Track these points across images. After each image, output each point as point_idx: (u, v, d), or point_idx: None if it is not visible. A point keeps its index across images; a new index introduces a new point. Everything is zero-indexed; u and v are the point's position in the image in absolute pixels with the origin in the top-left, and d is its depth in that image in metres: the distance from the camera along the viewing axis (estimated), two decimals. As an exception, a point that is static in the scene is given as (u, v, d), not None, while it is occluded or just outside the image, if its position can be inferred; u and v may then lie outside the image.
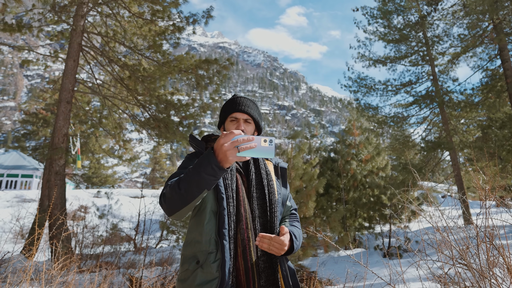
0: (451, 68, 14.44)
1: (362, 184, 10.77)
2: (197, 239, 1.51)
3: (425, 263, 3.53)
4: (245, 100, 1.73)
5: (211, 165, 1.31)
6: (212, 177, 1.33)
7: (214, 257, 1.46)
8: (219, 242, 1.46)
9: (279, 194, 1.69)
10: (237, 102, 1.71)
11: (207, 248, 1.48)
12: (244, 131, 1.67)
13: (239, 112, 1.70)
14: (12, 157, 31.26)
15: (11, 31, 9.85)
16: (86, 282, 3.66)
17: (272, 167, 1.79)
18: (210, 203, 1.52)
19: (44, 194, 8.75)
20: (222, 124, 1.78)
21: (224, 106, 1.77)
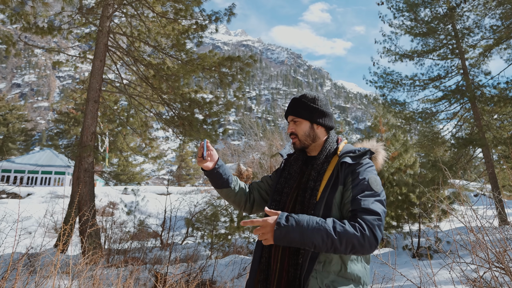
0: (483, 61, 13.77)
1: (389, 182, 10.47)
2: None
3: (458, 265, 3.35)
4: (292, 100, 1.78)
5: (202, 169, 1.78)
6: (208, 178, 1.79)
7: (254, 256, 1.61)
8: (258, 241, 1.58)
9: (322, 196, 1.50)
10: (288, 105, 1.80)
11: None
12: (295, 131, 1.74)
13: (288, 116, 1.79)
14: (46, 155, 32.64)
15: (42, 33, 10.23)
16: (112, 277, 3.73)
17: (334, 165, 1.61)
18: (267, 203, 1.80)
19: (75, 190, 9.05)
20: None
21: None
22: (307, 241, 1.31)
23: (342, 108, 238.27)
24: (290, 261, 1.49)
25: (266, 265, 1.56)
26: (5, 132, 39.22)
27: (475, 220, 3.52)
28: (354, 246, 1.32)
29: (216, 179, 1.77)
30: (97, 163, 32.27)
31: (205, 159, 1.70)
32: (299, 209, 1.54)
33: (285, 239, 1.31)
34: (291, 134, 1.74)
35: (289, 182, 1.67)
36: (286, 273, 1.49)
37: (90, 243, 7.57)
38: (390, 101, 14.46)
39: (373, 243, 1.34)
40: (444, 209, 8.40)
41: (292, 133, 1.74)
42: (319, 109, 1.72)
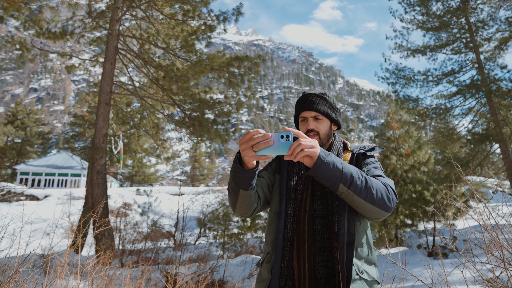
0: (499, 54, 13.38)
1: (403, 180, 10.31)
2: (266, 238, 1.59)
3: (473, 265, 3.25)
4: (312, 96, 1.64)
5: (236, 164, 1.35)
6: (239, 176, 1.36)
7: (270, 258, 1.49)
8: (275, 243, 1.47)
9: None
10: (304, 100, 1.64)
11: (268, 249, 1.53)
12: (316, 129, 1.60)
13: (306, 111, 1.62)
14: (62, 157, 33.34)
15: (55, 38, 10.42)
16: (123, 277, 3.76)
17: (349, 156, 1.64)
18: (274, 204, 1.57)
19: (88, 192, 9.19)
20: (297, 124, 1.73)
21: (296, 105, 1.70)
22: (345, 170, 1.32)
23: (355, 105, 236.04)
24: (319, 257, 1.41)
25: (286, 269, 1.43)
26: (23, 135, 40.22)
27: (491, 218, 3.40)
28: (383, 195, 1.37)
29: (251, 179, 1.40)
30: (112, 165, 32.77)
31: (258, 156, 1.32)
32: (319, 204, 1.49)
33: (328, 159, 1.31)
34: (311, 131, 1.59)
35: (301, 179, 1.56)
36: (314, 272, 1.41)
37: (104, 244, 7.67)
38: (402, 98, 14.22)
39: (394, 200, 1.41)
40: (461, 206, 8.18)
41: (313, 131, 1.59)
42: (338, 109, 1.71)
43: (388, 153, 10.71)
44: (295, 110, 1.69)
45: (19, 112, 41.37)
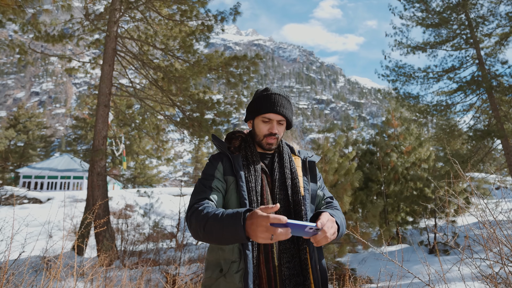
0: (499, 50, 13.31)
1: (404, 177, 10.27)
2: (220, 246, 1.47)
3: (472, 261, 3.23)
4: (281, 98, 1.62)
5: (237, 234, 1.19)
6: (234, 243, 1.26)
7: (237, 267, 1.40)
8: (242, 251, 1.40)
9: (306, 191, 1.62)
10: (273, 101, 1.59)
11: (230, 257, 1.43)
12: (278, 134, 1.62)
13: (274, 113, 1.60)
14: (64, 160, 33.42)
15: (53, 41, 10.44)
16: (124, 278, 3.77)
17: (300, 162, 1.72)
18: (233, 208, 1.47)
19: (89, 194, 9.21)
20: (251, 120, 1.68)
21: (257, 101, 1.64)
22: (342, 229, 1.52)
23: (357, 104, 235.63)
24: (285, 259, 1.46)
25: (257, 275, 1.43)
26: (26, 139, 40.35)
27: (493, 213, 3.38)
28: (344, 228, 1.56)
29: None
30: (115, 167, 32.85)
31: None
32: (283, 206, 1.54)
33: (342, 232, 1.52)
34: (274, 135, 1.59)
35: (258, 181, 1.54)
36: (282, 274, 1.44)
37: (105, 245, 7.68)
38: (403, 95, 14.16)
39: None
40: (460, 203, 8.14)
41: (275, 135, 1.60)
42: (293, 111, 1.73)
43: (389, 150, 10.68)
44: (259, 106, 1.61)
45: (21, 116, 41.53)
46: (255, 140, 1.67)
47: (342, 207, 6.22)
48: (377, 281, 2.78)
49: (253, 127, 1.68)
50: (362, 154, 11.37)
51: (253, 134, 1.68)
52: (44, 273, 2.47)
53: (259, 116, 1.62)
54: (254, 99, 1.67)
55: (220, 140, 1.65)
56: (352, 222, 6.89)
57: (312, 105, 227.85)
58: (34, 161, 40.29)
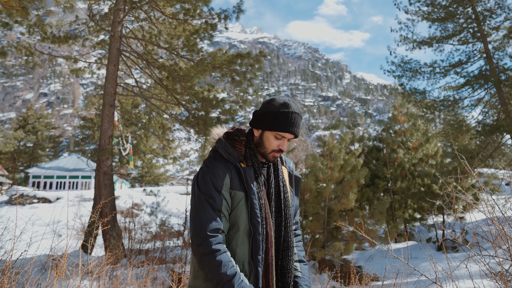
0: (508, 43, 13.08)
1: (411, 173, 10.17)
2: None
3: (481, 258, 3.18)
4: (298, 118, 1.56)
5: None
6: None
7: (248, 280, 1.43)
8: (253, 267, 1.43)
9: (292, 206, 1.67)
10: (291, 121, 1.54)
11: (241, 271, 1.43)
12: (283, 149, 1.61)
13: (289, 133, 1.56)
14: (72, 160, 33.76)
15: (59, 42, 10.52)
16: (129, 276, 3.78)
17: (286, 173, 1.73)
18: (243, 225, 1.47)
19: (97, 193, 9.28)
20: (261, 130, 1.60)
21: (275, 116, 1.54)
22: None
23: (363, 100, 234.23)
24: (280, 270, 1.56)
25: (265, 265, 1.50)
26: (35, 140, 40.82)
27: (498, 210, 3.32)
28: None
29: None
30: (122, 166, 33.09)
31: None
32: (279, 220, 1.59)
33: None
34: (282, 151, 1.59)
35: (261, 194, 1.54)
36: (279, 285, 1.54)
37: (112, 244, 7.74)
38: (409, 90, 14.01)
39: None
40: (468, 200, 8.02)
41: (281, 151, 1.59)
42: None
43: (396, 147, 10.58)
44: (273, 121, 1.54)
45: (30, 116, 42.01)
46: (259, 149, 1.60)
47: (348, 204, 6.18)
48: (383, 279, 2.74)
49: (260, 137, 1.60)
50: (368, 151, 11.29)
51: (258, 142, 1.61)
52: (49, 272, 2.48)
53: (273, 131, 1.55)
54: (271, 112, 1.55)
55: (231, 149, 1.55)
56: (358, 219, 6.84)
57: (318, 102, 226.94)
58: (43, 161, 40.76)
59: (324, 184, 6.62)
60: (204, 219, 1.40)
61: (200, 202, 1.44)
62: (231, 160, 1.53)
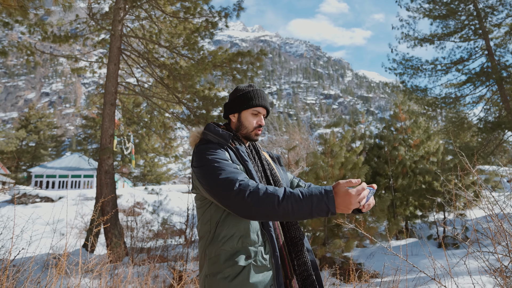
0: (510, 40, 13.03)
1: (412, 171, 10.16)
2: (242, 233, 1.48)
3: (480, 255, 3.18)
4: (264, 93, 1.76)
5: (327, 210, 1.28)
6: (318, 216, 1.33)
7: (265, 250, 1.48)
8: (267, 234, 1.50)
9: (283, 179, 1.78)
10: (261, 96, 1.73)
11: (256, 242, 1.48)
12: (262, 125, 1.76)
13: (262, 107, 1.74)
14: (74, 159, 33.87)
15: (60, 41, 10.54)
16: (129, 274, 3.80)
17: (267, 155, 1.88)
18: None
19: (98, 192, 9.31)
20: (237, 113, 1.75)
21: (245, 95, 1.72)
22: None
23: (365, 98, 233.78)
24: (289, 235, 1.62)
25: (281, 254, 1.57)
26: (37, 139, 40.95)
27: (497, 207, 3.32)
28: None
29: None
30: (124, 165, 33.18)
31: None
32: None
33: None
34: (261, 126, 1.74)
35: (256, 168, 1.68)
36: (292, 245, 1.60)
37: (114, 242, 7.78)
38: (411, 88, 13.99)
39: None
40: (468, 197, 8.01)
41: (261, 126, 1.74)
42: None
43: (397, 144, 10.57)
44: (247, 100, 1.70)
45: (32, 116, 42.14)
46: (240, 132, 1.75)
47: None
48: (382, 276, 2.76)
49: (239, 120, 1.74)
50: (369, 148, 11.28)
51: (238, 126, 1.75)
52: (49, 270, 2.50)
53: (249, 109, 1.72)
54: (242, 94, 1.73)
55: (221, 129, 1.65)
56: (359, 216, 6.85)
57: (319, 100, 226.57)
58: (46, 161, 40.89)
59: (325, 182, 6.62)
60: (229, 173, 1.43)
61: (217, 164, 1.47)
62: (222, 142, 1.62)
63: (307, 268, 1.54)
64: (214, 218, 1.53)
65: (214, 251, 1.49)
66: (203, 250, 1.55)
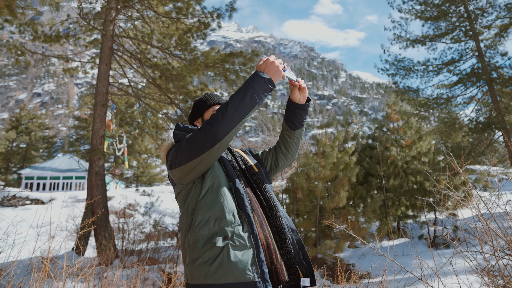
0: (499, 41, 13.20)
1: (404, 171, 10.21)
2: (217, 215, 1.51)
3: (468, 255, 3.20)
4: (217, 95, 1.99)
5: (263, 79, 1.54)
6: (264, 92, 1.54)
7: (242, 229, 1.49)
8: (244, 214, 1.52)
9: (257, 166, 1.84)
10: (215, 97, 1.95)
11: (233, 222, 1.49)
12: None
13: (219, 105, 1.92)
14: (66, 160, 33.50)
15: (50, 41, 10.43)
16: (116, 277, 3.76)
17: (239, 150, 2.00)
18: (223, 181, 1.61)
19: (89, 194, 9.21)
20: (200, 117, 1.94)
21: (203, 99, 1.95)
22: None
23: (359, 98, 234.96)
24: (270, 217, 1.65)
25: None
26: (28, 140, 40.46)
27: (493, 206, 3.34)
28: None
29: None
30: (117, 167, 32.93)
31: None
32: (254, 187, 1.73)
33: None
34: None
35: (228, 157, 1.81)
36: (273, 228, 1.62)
37: (104, 245, 7.70)
38: (403, 89, 14.10)
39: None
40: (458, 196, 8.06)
41: None
42: None
43: (389, 144, 10.62)
44: (207, 102, 1.92)
45: (23, 117, 41.62)
46: None
47: (340, 202, 6.20)
48: (370, 276, 2.75)
49: (202, 122, 1.91)
50: (362, 149, 11.31)
51: None
52: (33, 274, 2.45)
53: (209, 109, 1.90)
54: (199, 101, 1.96)
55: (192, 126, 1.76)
56: (351, 217, 6.86)
57: (314, 101, 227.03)
58: (37, 162, 40.41)
59: (316, 183, 6.63)
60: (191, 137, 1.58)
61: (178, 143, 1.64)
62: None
63: (290, 258, 1.56)
64: (190, 207, 1.59)
65: (192, 237, 1.52)
66: (183, 240, 1.58)
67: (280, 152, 1.95)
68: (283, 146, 1.93)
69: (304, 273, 1.58)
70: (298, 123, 1.85)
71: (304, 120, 1.86)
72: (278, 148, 1.96)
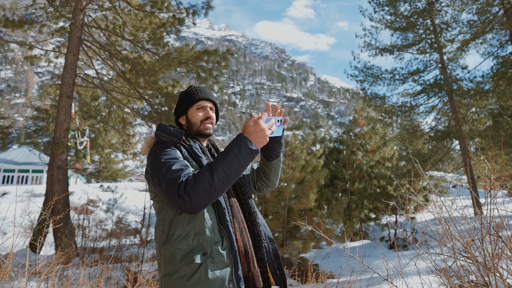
0: (460, 55, 14.02)
1: (368, 175, 10.59)
2: (197, 230, 1.46)
3: (428, 256, 3.38)
4: (205, 89, 1.79)
5: (251, 151, 1.42)
6: (249, 162, 1.43)
7: (222, 245, 1.44)
8: (224, 229, 1.46)
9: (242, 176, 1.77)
10: (201, 91, 1.77)
11: (213, 238, 1.45)
12: (212, 119, 1.77)
13: (205, 100, 1.76)
14: (22, 153, 31.68)
15: (13, 27, 9.85)
16: (80, 276, 3.61)
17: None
18: None
19: (49, 189, 8.79)
20: (184, 114, 1.78)
21: (187, 95, 1.78)
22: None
23: (326, 102, 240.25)
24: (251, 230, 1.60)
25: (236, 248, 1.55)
26: (-20, 130, 37.90)
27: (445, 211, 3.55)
28: None
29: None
30: (78, 161, 31.59)
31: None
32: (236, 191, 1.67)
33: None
34: (209, 117, 1.75)
35: None
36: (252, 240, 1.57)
37: (64, 242, 7.37)
38: (370, 95, 14.58)
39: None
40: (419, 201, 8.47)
41: (211, 119, 1.76)
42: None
43: (355, 149, 10.96)
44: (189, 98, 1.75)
45: (-24, 104, 38.93)
46: (192, 130, 1.75)
47: (308, 204, 6.32)
48: (338, 277, 2.84)
49: (187, 120, 1.76)
50: (329, 152, 11.60)
51: (188, 125, 1.76)
52: None
53: (193, 105, 1.75)
54: (183, 96, 1.79)
55: (172, 128, 1.65)
56: (317, 218, 7.01)
57: (282, 102, 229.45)
58: (-10, 153, 37.89)
59: (285, 184, 6.72)
60: (175, 168, 1.43)
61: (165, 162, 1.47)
62: (174, 140, 1.62)
63: (263, 264, 1.55)
64: (167, 217, 1.52)
65: (169, 250, 1.47)
66: (158, 250, 1.54)
67: (260, 179, 1.90)
68: (262, 175, 1.88)
69: (277, 282, 1.58)
70: (274, 155, 1.76)
71: (279, 152, 1.76)
72: (258, 173, 1.91)
